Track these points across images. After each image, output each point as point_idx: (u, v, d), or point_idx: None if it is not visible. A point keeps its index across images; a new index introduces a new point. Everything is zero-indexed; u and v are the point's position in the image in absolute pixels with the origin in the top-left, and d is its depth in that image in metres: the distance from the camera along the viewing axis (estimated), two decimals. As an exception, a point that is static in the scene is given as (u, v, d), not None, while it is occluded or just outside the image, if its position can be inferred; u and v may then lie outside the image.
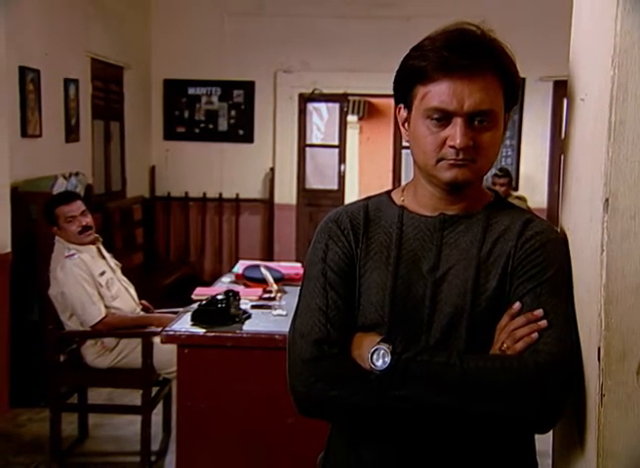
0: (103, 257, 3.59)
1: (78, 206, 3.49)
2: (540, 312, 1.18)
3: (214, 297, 2.79)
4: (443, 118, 1.20)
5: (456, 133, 1.19)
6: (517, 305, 1.20)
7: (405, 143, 1.35)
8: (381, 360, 1.17)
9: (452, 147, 1.20)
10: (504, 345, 1.18)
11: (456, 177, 1.22)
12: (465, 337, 1.21)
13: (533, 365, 1.14)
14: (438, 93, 1.19)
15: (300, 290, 1.32)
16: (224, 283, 3.51)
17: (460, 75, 1.18)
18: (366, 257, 1.28)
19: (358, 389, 1.18)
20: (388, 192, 1.37)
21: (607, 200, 1.03)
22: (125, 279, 3.69)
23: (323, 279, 1.27)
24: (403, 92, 1.26)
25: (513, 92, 1.25)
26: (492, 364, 1.16)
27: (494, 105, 1.21)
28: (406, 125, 1.28)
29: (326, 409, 1.23)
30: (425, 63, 1.20)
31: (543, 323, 1.17)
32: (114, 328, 3.39)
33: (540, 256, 1.22)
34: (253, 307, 2.98)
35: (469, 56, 1.18)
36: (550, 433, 1.39)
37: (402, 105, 1.28)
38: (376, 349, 1.18)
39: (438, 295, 1.24)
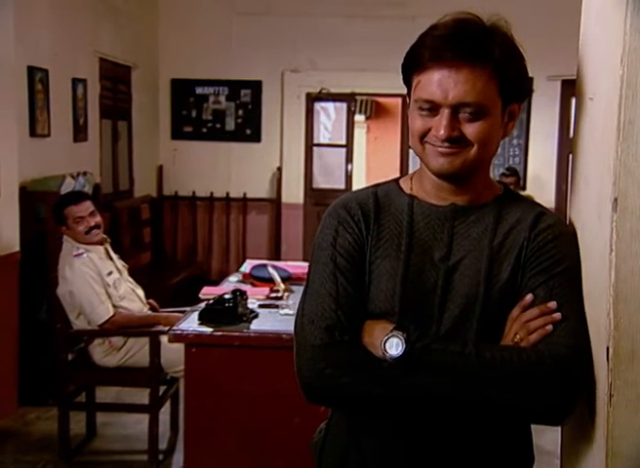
0: (111, 258, 3.60)
1: (87, 206, 3.50)
2: (553, 304, 1.18)
3: (221, 297, 2.79)
4: (432, 108, 1.20)
5: (440, 123, 1.19)
6: (529, 297, 1.20)
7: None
8: (395, 348, 1.15)
9: (436, 137, 1.20)
10: (517, 336, 1.18)
11: (442, 167, 1.22)
12: (476, 328, 1.21)
13: (550, 357, 1.14)
14: (426, 83, 1.20)
15: (308, 274, 1.30)
16: (232, 282, 3.52)
17: (449, 66, 1.17)
18: (377, 245, 1.27)
19: (370, 377, 1.17)
20: (396, 180, 1.36)
21: (616, 199, 1.03)
22: (132, 280, 3.69)
23: (332, 264, 1.25)
24: (405, 80, 1.27)
25: (514, 84, 1.23)
26: (508, 355, 1.15)
27: (480, 97, 1.18)
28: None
29: (334, 396, 1.22)
30: (419, 52, 1.21)
31: (557, 315, 1.17)
32: (122, 327, 3.40)
33: (553, 249, 1.22)
34: (260, 306, 2.98)
35: (459, 47, 1.17)
36: (559, 432, 1.39)
37: (407, 93, 1.29)
38: (389, 337, 1.16)
39: (450, 285, 1.23)
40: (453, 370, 1.15)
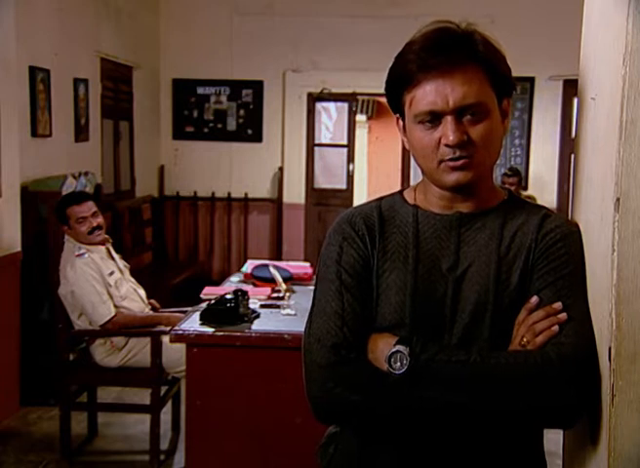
0: (112, 259, 3.60)
1: (89, 207, 3.50)
2: (559, 305, 1.17)
3: (222, 297, 2.79)
4: (433, 119, 1.19)
5: (447, 131, 1.18)
6: (534, 299, 1.19)
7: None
8: (399, 362, 1.15)
9: (447, 146, 1.19)
10: (524, 339, 1.17)
11: (458, 181, 1.21)
12: (488, 335, 1.20)
13: (556, 358, 1.13)
14: (422, 96, 1.19)
15: (314, 293, 1.29)
16: (233, 282, 3.52)
17: (440, 73, 1.17)
18: (383, 258, 1.26)
19: (379, 393, 1.16)
20: (400, 192, 1.35)
21: (618, 199, 1.03)
22: (133, 280, 3.69)
23: (338, 282, 1.25)
24: (394, 101, 1.26)
25: (503, 78, 1.23)
26: (514, 360, 1.14)
27: (480, 97, 1.19)
28: (405, 133, 1.28)
29: (345, 414, 1.21)
30: (406, 69, 1.20)
31: (563, 316, 1.16)
32: (123, 327, 3.40)
33: (561, 249, 1.21)
34: (261, 307, 2.98)
35: (445, 52, 1.17)
36: (561, 433, 1.38)
37: (398, 115, 1.28)
38: (393, 352, 1.15)
39: (459, 294, 1.22)
40: (460, 379, 1.13)
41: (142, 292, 3.70)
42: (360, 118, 8.79)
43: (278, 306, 2.98)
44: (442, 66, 1.17)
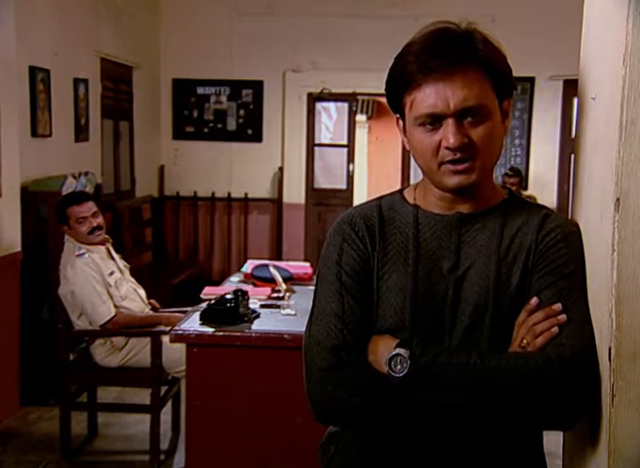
0: (112, 258, 3.60)
1: (89, 207, 3.50)
2: (558, 306, 1.17)
3: (222, 297, 2.79)
4: (434, 122, 1.19)
5: (448, 133, 1.17)
6: (534, 300, 1.19)
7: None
8: (400, 365, 1.14)
9: (447, 148, 1.18)
10: (524, 341, 1.16)
11: (460, 184, 1.20)
12: (488, 336, 1.20)
13: (556, 359, 1.13)
14: (423, 98, 1.18)
15: (315, 294, 1.29)
16: (233, 282, 3.52)
17: (441, 76, 1.17)
18: (383, 260, 1.25)
19: (379, 395, 1.16)
20: (401, 191, 1.35)
21: (618, 199, 1.03)
22: (133, 280, 3.69)
23: (338, 283, 1.24)
24: (394, 102, 1.26)
25: (503, 79, 1.22)
26: (514, 362, 1.14)
27: (481, 99, 1.18)
28: (405, 134, 1.27)
29: (345, 416, 1.21)
30: (405, 71, 1.19)
31: (563, 317, 1.16)
32: (123, 327, 3.40)
33: (562, 249, 1.21)
34: (261, 306, 2.98)
35: (445, 55, 1.16)
36: (561, 434, 1.38)
37: (398, 116, 1.27)
38: (394, 355, 1.15)
39: (460, 295, 1.22)
40: (460, 381, 1.13)
41: (142, 292, 3.70)
42: (360, 118, 8.80)
43: (278, 306, 2.98)
44: (442, 69, 1.16)
